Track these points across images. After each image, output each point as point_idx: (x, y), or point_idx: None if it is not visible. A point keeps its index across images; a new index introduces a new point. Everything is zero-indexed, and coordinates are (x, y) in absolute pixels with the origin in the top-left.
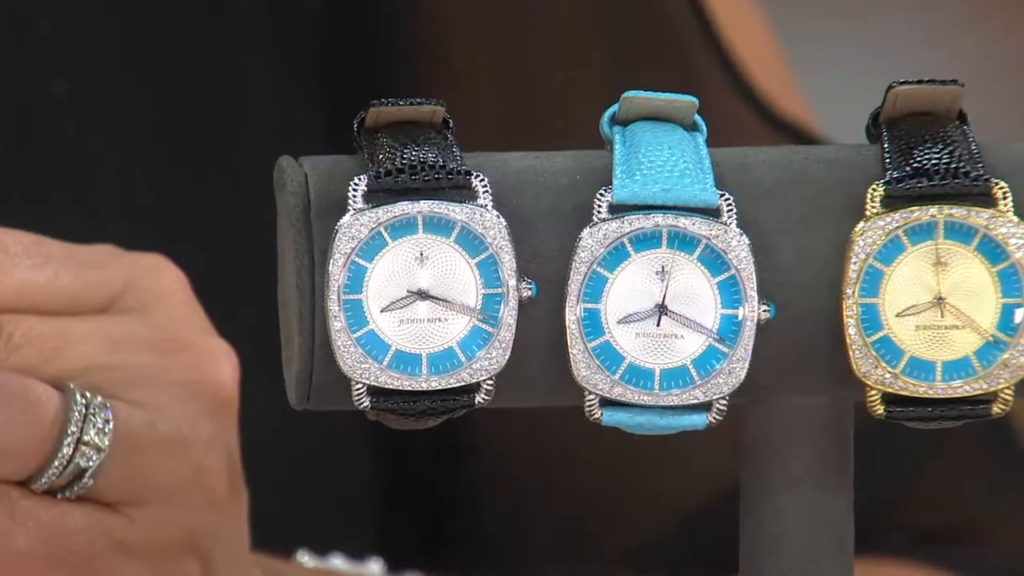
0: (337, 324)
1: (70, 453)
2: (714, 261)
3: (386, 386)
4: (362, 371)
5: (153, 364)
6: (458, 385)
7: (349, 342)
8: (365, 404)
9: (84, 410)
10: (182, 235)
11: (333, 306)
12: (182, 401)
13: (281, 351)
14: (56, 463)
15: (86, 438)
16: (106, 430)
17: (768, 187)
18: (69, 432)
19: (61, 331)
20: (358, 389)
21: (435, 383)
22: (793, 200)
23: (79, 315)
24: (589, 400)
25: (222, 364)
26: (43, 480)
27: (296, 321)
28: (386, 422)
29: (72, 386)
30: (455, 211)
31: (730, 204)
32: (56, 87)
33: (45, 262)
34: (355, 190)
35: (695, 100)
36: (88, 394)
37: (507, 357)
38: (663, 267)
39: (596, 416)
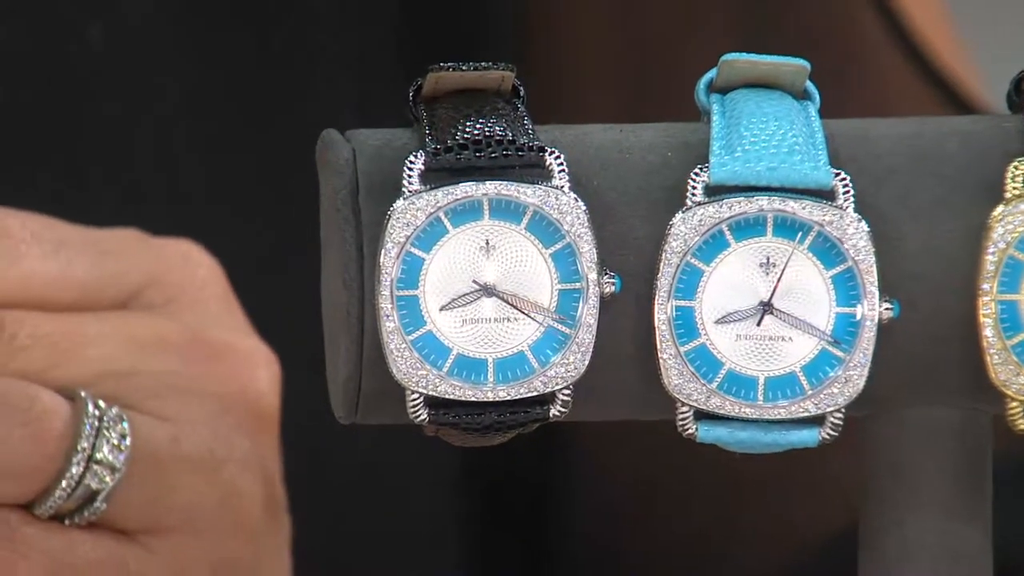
0: (390, 324)
1: (80, 473)
2: (828, 251)
3: (446, 396)
4: (418, 379)
5: (180, 371)
6: (530, 395)
7: (403, 345)
8: (422, 417)
9: (97, 423)
10: (230, 218)
11: (385, 303)
12: (213, 414)
13: (325, 352)
14: (64, 484)
15: (99, 456)
16: (122, 446)
17: (892, 165)
18: (79, 448)
19: (73, 330)
20: (414, 400)
21: (503, 393)
22: (921, 180)
23: (95, 312)
24: (682, 413)
25: (261, 371)
26: (49, 504)
27: (343, 321)
28: (446, 438)
29: (84, 395)
30: (526, 193)
31: (847, 185)
32: (94, 34)
33: (56, 249)
34: (410, 169)
35: (807, 64)
36: (102, 404)
37: (586, 363)
38: (768, 258)
39: (690, 431)
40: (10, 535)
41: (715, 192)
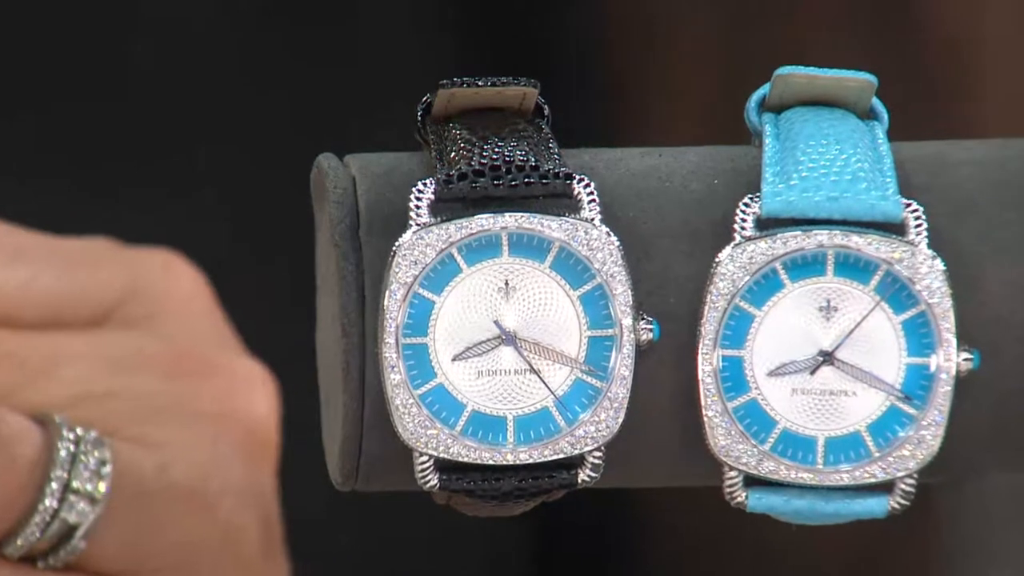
0: (395, 377)
1: (55, 506)
2: (898, 294)
3: (460, 459)
4: (428, 439)
5: (166, 391)
6: (555, 458)
7: (411, 400)
8: (432, 483)
9: (73, 448)
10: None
11: (390, 353)
12: (206, 439)
13: (321, 410)
14: (37, 519)
15: (75, 484)
16: (102, 474)
17: (972, 194)
18: (54, 477)
19: (44, 349)
20: (423, 463)
21: (525, 455)
22: (1005, 212)
23: (67, 328)
24: (730, 478)
25: (257, 392)
26: (19, 542)
27: (341, 373)
28: (460, 507)
29: (58, 419)
30: (551, 227)
31: (919, 217)
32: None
33: (15, 258)
34: (419, 199)
35: (873, 79)
36: (79, 429)
37: (619, 421)
38: (829, 301)
39: (739, 500)
40: None
41: (768, 225)
